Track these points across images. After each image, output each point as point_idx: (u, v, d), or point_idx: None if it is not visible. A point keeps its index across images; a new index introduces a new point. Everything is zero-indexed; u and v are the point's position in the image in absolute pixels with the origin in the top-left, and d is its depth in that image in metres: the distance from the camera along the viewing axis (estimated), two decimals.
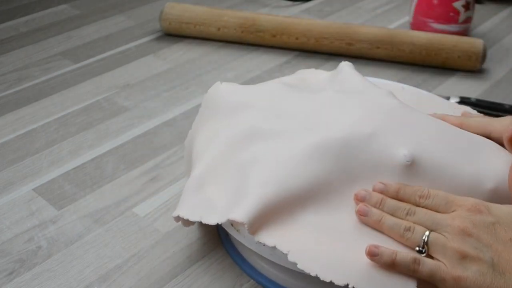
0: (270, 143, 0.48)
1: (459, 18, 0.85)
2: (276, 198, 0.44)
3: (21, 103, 0.74)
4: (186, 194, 0.49)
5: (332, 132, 0.47)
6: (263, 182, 0.45)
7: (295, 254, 0.42)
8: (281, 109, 0.51)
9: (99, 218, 0.56)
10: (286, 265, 0.44)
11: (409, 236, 0.42)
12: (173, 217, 0.48)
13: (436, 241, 0.42)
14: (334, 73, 0.61)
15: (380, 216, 0.44)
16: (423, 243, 0.42)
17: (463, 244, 0.41)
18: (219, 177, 0.48)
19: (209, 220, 0.45)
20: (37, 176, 0.62)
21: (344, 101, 0.52)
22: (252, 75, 0.80)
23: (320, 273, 0.41)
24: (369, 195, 0.45)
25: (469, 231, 0.41)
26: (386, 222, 0.44)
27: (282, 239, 0.43)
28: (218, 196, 0.47)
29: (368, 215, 0.44)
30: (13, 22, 0.94)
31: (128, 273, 0.51)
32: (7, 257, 0.52)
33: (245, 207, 0.44)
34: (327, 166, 0.46)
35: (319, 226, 0.44)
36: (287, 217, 0.44)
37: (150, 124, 0.70)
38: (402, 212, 0.44)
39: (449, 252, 0.41)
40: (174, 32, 0.89)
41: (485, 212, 0.42)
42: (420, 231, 0.42)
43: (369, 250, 0.41)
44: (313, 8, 1.00)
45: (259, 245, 0.44)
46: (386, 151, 0.47)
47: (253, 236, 0.43)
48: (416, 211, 0.44)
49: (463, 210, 0.42)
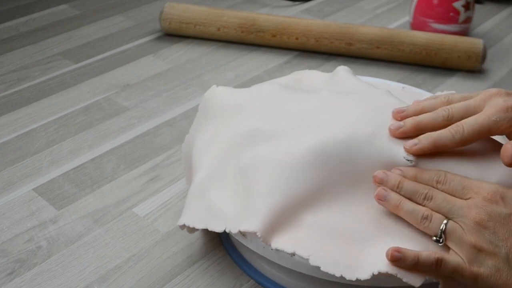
0: (270, 145, 0.48)
1: (459, 18, 0.85)
2: (284, 205, 0.45)
3: (21, 103, 0.74)
4: (189, 201, 0.49)
5: (333, 133, 0.47)
6: (270, 189, 0.45)
7: (316, 258, 0.42)
8: (279, 110, 0.51)
9: (99, 218, 0.56)
10: (295, 268, 0.44)
11: (427, 224, 0.43)
12: (179, 225, 0.48)
13: (453, 232, 0.42)
14: (330, 75, 0.61)
15: (398, 200, 0.44)
16: (441, 232, 0.42)
17: (478, 238, 0.41)
18: (222, 182, 0.48)
19: (215, 227, 0.46)
20: (37, 176, 0.62)
21: (342, 101, 0.52)
22: (252, 75, 0.80)
23: (345, 273, 0.42)
24: (387, 177, 0.45)
25: (485, 224, 0.41)
26: (404, 207, 0.44)
27: (298, 245, 0.43)
28: (224, 202, 0.47)
29: (387, 199, 0.45)
30: (13, 22, 0.94)
31: (128, 273, 0.51)
32: (7, 257, 0.52)
33: (256, 217, 0.44)
34: (330, 168, 0.46)
35: (329, 228, 0.44)
36: (296, 222, 0.45)
37: (150, 124, 0.70)
38: (420, 197, 0.44)
39: (466, 245, 0.41)
40: (174, 32, 0.89)
41: (501, 203, 0.42)
42: (437, 220, 0.43)
43: (392, 255, 0.41)
44: (313, 8, 1.00)
45: (266, 250, 0.45)
46: (388, 151, 0.47)
47: (268, 244, 0.44)
48: (433, 196, 0.44)
49: (479, 198, 0.42)
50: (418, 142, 0.46)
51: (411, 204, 0.44)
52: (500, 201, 0.42)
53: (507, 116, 0.45)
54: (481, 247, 0.41)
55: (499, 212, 0.42)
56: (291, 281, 0.49)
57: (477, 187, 0.43)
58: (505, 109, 0.45)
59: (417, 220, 0.43)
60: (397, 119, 0.49)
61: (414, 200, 0.44)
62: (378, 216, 0.46)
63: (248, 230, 0.44)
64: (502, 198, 0.42)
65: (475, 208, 0.42)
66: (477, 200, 0.42)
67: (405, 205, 0.44)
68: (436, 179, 0.45)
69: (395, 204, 0.44)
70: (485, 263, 0.41)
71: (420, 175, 0.45)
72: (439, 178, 0.45)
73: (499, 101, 0.46)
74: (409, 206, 0.44)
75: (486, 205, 0.42)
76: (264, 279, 0.50)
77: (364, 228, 0.45)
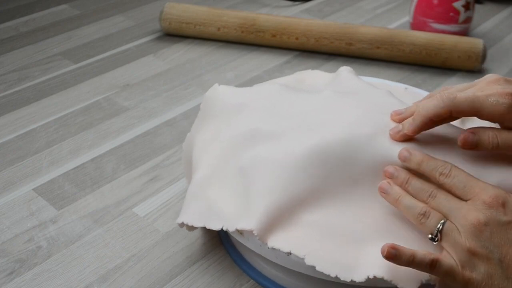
0: (270, 145, 0.48)
1: (459, 18, 0.85)
2: (283, 204, 0.45)
3: (21, 103, 0.74)
4: (189, 199, 0.49)
5: (332, 132, 0.47)
6: (269, 189, 0.45)
7: (312, 258, 0.42)
8: (279, 109, 0.51)
9: (99, 218, 0.56)
10: (292, 267, 0.44)
11: (424, 221, 0.43)
12: (177, 223, 0.48)
13: (449, 233, 0.42)
14: (333, 76, 0.61)
15: (398, 195, 0.44)
16: (437, 231, 0.42)
17: (474, 242, 0.41)
18: (222, 181, 0.48)
19: (213, 225, 0.46)
20: (37, 176, 0.62)
21: (343, 101, 0.52)
22: (252, 75, 0.80)
23: (340, 273, 0.42)
24: (397, 173, 0.45)
25: (482, 228, 0.41)
26: (403, 201, 0.44)
27: (295, 244, 0.43)
28: (223, 201, 0.47)
29: (388, 192, 0.45)
30: (13, 22, 0.94)
31: (128, 273, 0.51)
32: (7, 257, 0.52)
33: (253, 216, 0.44)
34: (330, 168, 0.46)
35: (327, 228, 0.44)
36: (295, 221, 0.45)
37: (150, 124, 0.70)
38: (424, 194, 0.44)
39: (460, 248, 0.41)
40: (174, 32, 0.89)
41: (501, 209, 0.41)
42: (435, 219, 0.42)
43: (387, 252, 0.41)
44: (313, 8, 1.00)
45: (263, 248, 0.45)
46: (388, 150, 0.47)
47: (264, 243, 0.44)
48: (437, 195, 0.43)
49: (479, 201, 0.42)
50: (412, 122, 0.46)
51: (410, 199, 0.44)
52: (500, 207, 0.41)
53: (504, 103, 0.44)
54: (475, 251, 0.40)
55: (498, 218, 0.41)
56: (291, 280, 0.49)
57: (480, 188, 0.42)
58: (503, 95, 0.44)
59: (414, 215, 0.43)
60: (395, 121, 0.49)
61: (419, 197, 0.44)
62: (377, 217, 0.46)
63: (245, 228, 0.44)
64: (503, 204, 0.41)
65: (474, 211, 0.41)
66: (478, 203, 0.42)
67: (404, 200, 0.44)
68: (441, 171, 0.44)
69: (394, 197, 0.44)
70: (478, 268, 0.40)
71: (427, 161, 0.45)
72: (444, 170, 0.44)
73: (498, 87, 0.45)
74: (408, 201, 0.44)
75: (485, 209, 0.41)
76: (264, 279, 0.50)
77: (363, 228, 0.45)
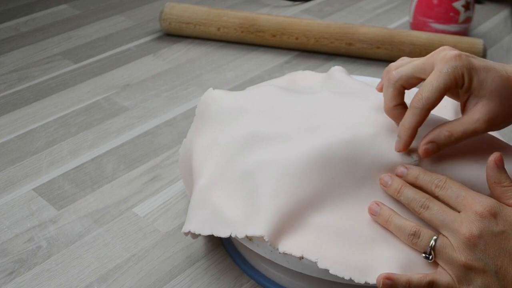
0: (272, 148, 0.48)
1: (459, 18, 0.85)
2: (291, 208, 0.44)
3: (21, 103, 0.74)
4: (193, 207, 0.48)
5: (336, 134, 0.47)
6: (275, 192, 0.45)
7: (324, 261, 0.42)
8: (278, 112, 0.51)
9: (99, 218, 0.56)
10: (304, 271, 0.44)
11: (415, 241, 0.43)
12: (183, 232, 0.47)
13: (443, 249, 0.42)
14: (325, 76, 0.61)
15: (388, 216, 0.44)
16: (430, 249, 0.42)
17: (468, 255, 0.40)
18: (226, 186, 0.48)
19: (221, 233, 0.45)
20: (37, 176, 0.62)
21: (342, 101, 0.52)
22: (252, 75, 0.80)
23: (354, 276, 0.42)
24: (391, 181, 0.46)
25: (475, 241, 0.40)
26: (392, 222, 0.44)
27: (307, 248, 0.43)
28: (228, 207, 0.46)
29: (378, 213, 0.45)
30: (13, 22, 0.94)
31: (128, 273, 0.51)
32: (7, 257, 0.52)
33: (262, 221, 0.44)
34: (335, 169, 0.46)
35: (336, 230, 0.44)
36: (304, 225, 0.45)
37: (150, 124, 0.70)
38: (416, 204, 0.44)
39: (455, 263, 0.41)
40: (174, 32, 0.89)
41: (493, 220, 0.41)
42: (426, 236, 0.42)
43: (383, 283, 0.41)
44: (313, 8, 1.00)
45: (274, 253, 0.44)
46: (392, 150, 0.47)
47: (275, 248, 0.43)
48: (429, 206, 0.44)
49: (471, 212, 0.41)
50: (399, 139, 0.46)
51: (400, 220, 0.44)
52: (492, 218, 0.41)
53: (458, 64, 0.44)
54: (471, 265, 0.40)
55: (491, 229, 0.41)
56: (291, 280, 0.49)
57: (472, 198, 0.42)
58: (454, 58, 0.44)
59: (405, 236, 0.43)
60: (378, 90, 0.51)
61: (411, 206, 0.44)
62: None
63: (255, 234, 0.43)
64: (495, 215, 0.41)
65: (467, 223, 0.41)
66: (470, 214, 0.41)
67: (394, 221, 0.44)
68: (436, 183, 0.44)
69: (384, 219, 0.44)
70: (475, 282, 0.40)
71: (423, 175, 0.45)
72: (439, 183, 0.44)
73: (446, 52, 0.45)
74: (397, 222, 0.44)
75: (478, 220, 0.41)
76: (264, 279, 0.50)
77: (371, 229, 0.45)
